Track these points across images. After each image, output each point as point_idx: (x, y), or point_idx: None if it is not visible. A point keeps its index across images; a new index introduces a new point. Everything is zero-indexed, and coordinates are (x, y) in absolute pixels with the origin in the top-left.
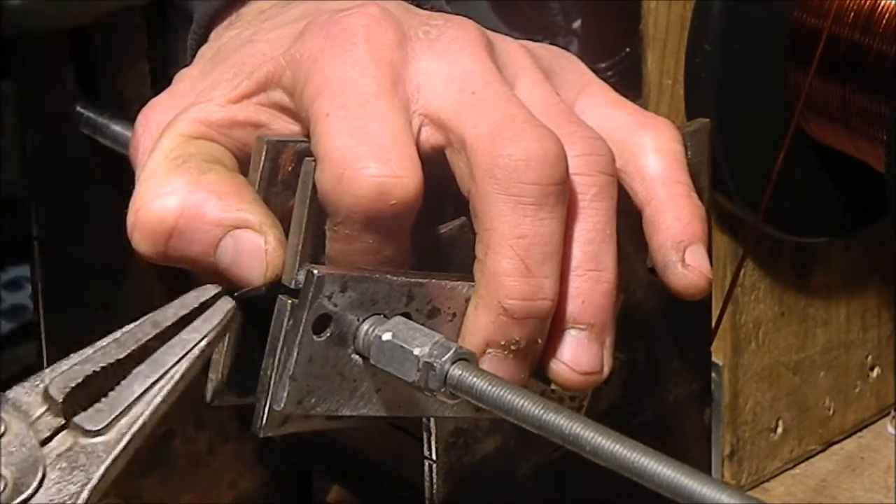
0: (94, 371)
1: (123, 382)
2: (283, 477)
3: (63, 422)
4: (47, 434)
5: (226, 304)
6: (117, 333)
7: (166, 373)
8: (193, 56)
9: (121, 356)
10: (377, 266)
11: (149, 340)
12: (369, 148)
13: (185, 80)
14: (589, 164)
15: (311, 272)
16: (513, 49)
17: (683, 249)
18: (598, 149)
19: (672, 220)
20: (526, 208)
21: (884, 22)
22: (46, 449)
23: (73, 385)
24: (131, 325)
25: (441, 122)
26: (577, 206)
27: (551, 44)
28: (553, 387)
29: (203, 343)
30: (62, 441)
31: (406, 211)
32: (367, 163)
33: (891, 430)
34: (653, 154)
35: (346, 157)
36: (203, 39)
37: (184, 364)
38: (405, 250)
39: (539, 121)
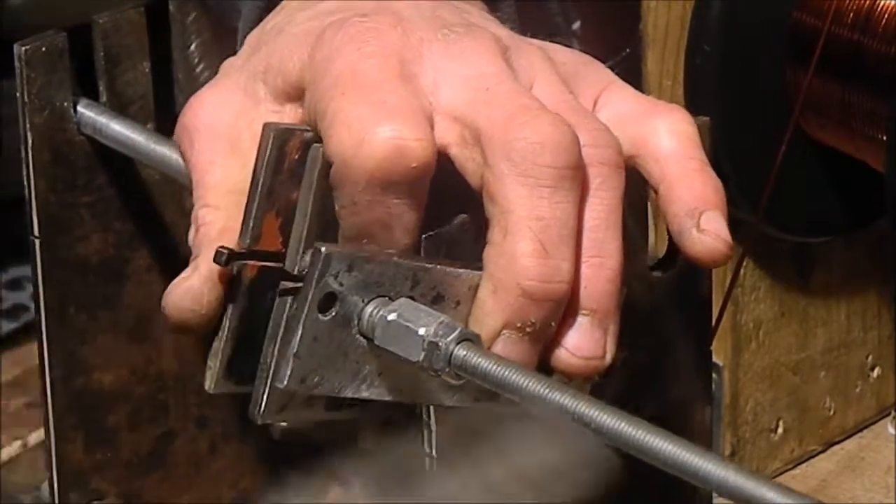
0: None
1: None
2: (283, 477)
3: None
4: None
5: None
6: None
7: None
8: None
9: None
10: (397, 237)
11: None
12: (387, 113)
13: (230, 72)
14: (593, 155)
15: (319, 249)
16: (530, 53)
17: (698, 216)
18: (603, 140)
19: (684, 190)
20: (543, 190)
21: (883, 22)
22: None
23: None
24: None
25: (455, 118)
26: (582, 195)
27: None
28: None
29: None
30: None
31: (425, 175)
32: (386, 125)
33: (891, 430)
34: (666, 135)
35: (366, 122)
36: None
37: None
38: (421, 221)
39: (552, 111)
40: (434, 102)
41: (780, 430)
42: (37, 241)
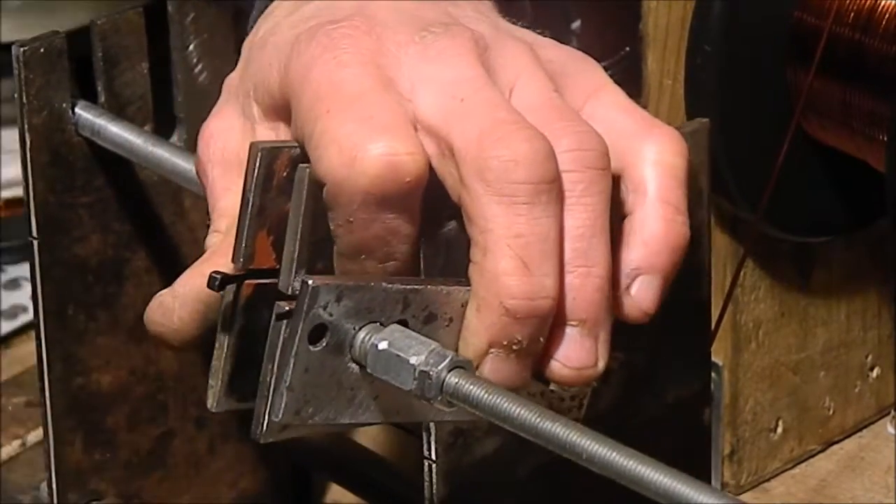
0: None
1: None
2: (283, 477)
3: None
4: None
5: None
6: None
7: None
8: None
9: None
10: (394, 250)
11: None
12: (376, 129)
13: (230, 92)
14: (576, 160)
15: (306, 283)
16: (514, 50)
17: (634, 277)
18: (587, 143)
19: (639, 242)
20: (519, 207)
21: (884, 22)
22: None
23: None
24: None
25: (431, 129)
26: (565, 202)
27: None
28: (552, 387)
29: None
30: None
31: (419, 187)
32: (377, 142)
33: (891, 430)
34: (650, 166)
35: (356, 140)
36: None
37: None
38: (418, 231)
39: (527, 122)
40: (413, 109)
41: (779, 430)
42: (35, 242)
